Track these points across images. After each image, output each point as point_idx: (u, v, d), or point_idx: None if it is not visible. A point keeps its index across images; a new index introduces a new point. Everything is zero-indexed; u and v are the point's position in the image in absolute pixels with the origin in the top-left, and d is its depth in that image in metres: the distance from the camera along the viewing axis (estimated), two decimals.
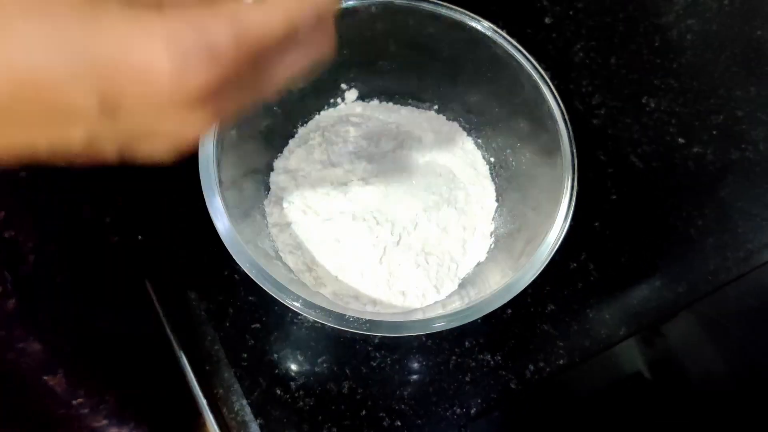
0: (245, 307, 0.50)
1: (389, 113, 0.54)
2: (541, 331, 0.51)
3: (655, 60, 0.62)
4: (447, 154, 0.52)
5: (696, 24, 0.64)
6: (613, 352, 0.53)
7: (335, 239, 0.47)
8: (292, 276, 0.46)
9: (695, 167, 0.58)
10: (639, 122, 0.60)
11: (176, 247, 0.52)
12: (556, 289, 0.52)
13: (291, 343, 0.49)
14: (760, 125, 0.60)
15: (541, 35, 0.63)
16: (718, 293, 0.56)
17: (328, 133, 0.51)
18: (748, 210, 0.57)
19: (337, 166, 0.49)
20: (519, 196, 0.49)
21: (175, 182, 0.51)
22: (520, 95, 0.47)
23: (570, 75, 0.61)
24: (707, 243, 0.56)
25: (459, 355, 0.50)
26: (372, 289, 0.46)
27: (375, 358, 0.49)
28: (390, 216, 0.47)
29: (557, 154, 0.44)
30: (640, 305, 0.53)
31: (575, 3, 0.64)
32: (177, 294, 0.51)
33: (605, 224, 0.55)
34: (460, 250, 0.49)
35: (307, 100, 0.52)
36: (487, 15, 0.47)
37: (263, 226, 0.48)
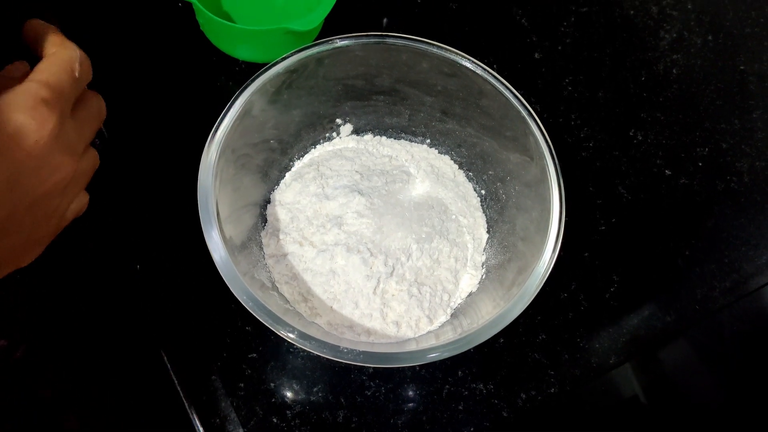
0: (242, 337, 0.51)
1: (383, 147, 0.55)
2: (532, 360, 0.52)
3: (642, 94, 0.64)
4: (439, 187, 0.54)
5: (681, 59, 0.66)
6: (608, 378, 0.54)
7: (330, 270, 0.48)
8: (288, 306, 0.47)
9: (682, 198, 0.60)
10: (626, 154, 0.61)
11: (173, 277, 0.53)
12: (547, 319, 0.53)
13: (287, 372, 0.50)
14: (745, 157, 0.62)
15: (530, 70, 0.65)
16: (713, 319, 0.57)
17: (323, 167, 0.53)
18: (734, 240, 0.58)
19: (331, 199, 0.50)
20: (509, 227, 0.51)
21: (174, 213, 0.53)
22: (510, 130, 0.48)
23: (559, 108, 0.63)
24: (694, 272, 0.57)
25: (452, 384, 0.51)
26: (366, 319, 0.47)
27: (369, 387, 0.50)
28: (384, 247, 0.48)
29: (546, 186, 0.45)
30: (629, 334, 0.54)
31: (564, 38, 0.66)
32: (174, 324, 0.51)
33: (594, 255, 0.56)
34: (452, 281, 0.50)
35: (303, 134, 0.54)
36: (479, 50, 0.48)
37: (260, 257, 0.49)
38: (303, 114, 0.52)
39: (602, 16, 0.68)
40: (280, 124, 0.51)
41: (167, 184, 0.55)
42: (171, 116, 0.58)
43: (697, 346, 0.60)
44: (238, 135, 0.45)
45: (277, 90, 0.47)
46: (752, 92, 0.65)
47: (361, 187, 0.51)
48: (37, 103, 0.32)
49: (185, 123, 0.57)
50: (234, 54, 0.60)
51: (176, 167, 0.53)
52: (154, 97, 0.59)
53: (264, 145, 0.51)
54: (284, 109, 0.50)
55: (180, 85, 0.60)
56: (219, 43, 0.60)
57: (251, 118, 0.46)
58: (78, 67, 0.35)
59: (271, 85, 0.46)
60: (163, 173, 0.56)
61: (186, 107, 0.58)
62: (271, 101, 0.48)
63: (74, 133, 0.35)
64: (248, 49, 0.58)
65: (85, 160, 0.37)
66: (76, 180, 0.37)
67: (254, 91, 0.45)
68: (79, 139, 0.36)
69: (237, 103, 0.44)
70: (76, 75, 0.35)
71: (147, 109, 0.58)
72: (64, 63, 0.35)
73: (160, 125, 0.58)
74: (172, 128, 0.58)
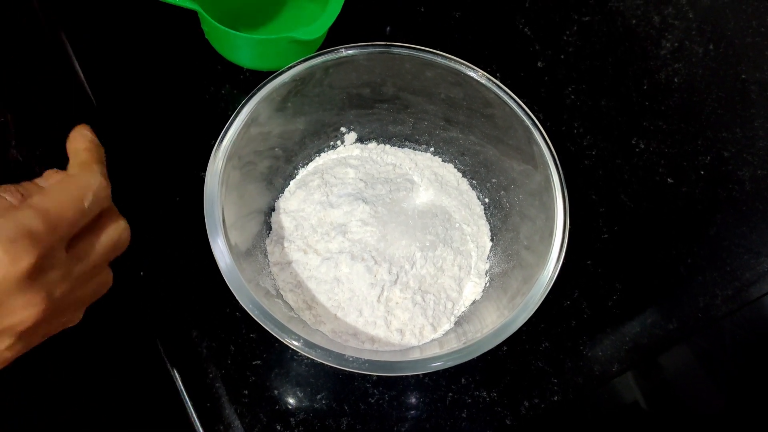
0: (246, 344, 0.51)
1: (387, 155, 0.56)
2: (535, 367, 0.52)
3: (644, 102, 0.65)
4: (443, 195, 0.54)
5: (683, 68, 0.67)
6: (609, 385, 0.54)
7: (334, 278, 0.48)
8: (292, 314, 0.48)
9: (684, 206, 0.60)
10: (629, 163, 0.61)
11: (177, 284, 0.53)
12: (550, 327, 0.53)
13: (291, 379, 0.50)
14: (746, 165, 0.62)
15: (533, 78, 0.65)
16: (714, 327, 0.57)
17: (327, 175, 0.53)
18: (735, 248, 0.59)
19: (336, 207, 0.50)
20: (513, 235, 0.51)
21: (178, 220, 0.53)
22: (513, 138, 0.49)
23: (562, 117, 0.63)
24: (696, 280, 0.57)
25: (455, 391, 0.51)
26: (370, 327, 0.47)
27: (373, 395, 0.50)
28: (388, 255, 0.48)
29: (550, 195, 0.46)
30: (632, 342, 0.54)
31: (566, 48, 0.67)
32: (179, 332, 0.52)
33: (597, 262, 0.57)
34: (456, 289, 0.50)
35: (308, 143, 0.54)
36: (482, 59, 0.49)
37: (265, 265, 0.50)
38: (307, 122, 0.52)
39: (604, 25, 0.69)
40: (285, 133, 0.51)
41: (172, 192, 0.55)
42: (176, 124, 0.59)
43: (699, 352, 0.60)
44: (244, 143, 0.45)
45: (282, 99, 0.48)
46: (754, 101, 0.65)
47: (365, 195, 0.51)
48: (20, 236, 0.29)
49: (190, 131, 0.57)
50: (239, 62, 0.60)
51: (181, 175, 0.53)
52: (159, 105, 0.59)
53: (269, 153, 0.51)
54: (289, 118, 0.50)
55: (185, 92, 0.60)
56: (224, 52, 0.60)
57: (257, 126, 0.47)
58: (90, 198, 0.33)
59: (277, 93, 0.46)
60: (168, 181, 0.56)
61: (191, 115, 0.59)
62: (276, 110, 0.48)
63: (61, 271, 0.32)
64: (253, 58, 0.59)
65: (82, 289, 0.35)
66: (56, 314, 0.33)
67: (260, 100, 0.45)
68: (64, 278, 0.32)
69: (243, 112, 0.45)
70: (85, 206, 0.33)
71: (152, 117, 0.59)
72: (76, 191, 0.33)
73: (165, 133, 0.58)
74: (177, 136, 0.58)
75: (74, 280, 0.33)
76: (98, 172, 0.35)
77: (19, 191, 0.34)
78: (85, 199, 0.33)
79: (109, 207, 0.37)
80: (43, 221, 0.30)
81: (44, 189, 0.33)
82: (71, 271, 0.33)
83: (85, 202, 0.33)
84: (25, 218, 0.30)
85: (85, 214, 0.33)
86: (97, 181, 0.35)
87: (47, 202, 0.31)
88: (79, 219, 0.33)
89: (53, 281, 0.31)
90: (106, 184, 0.35)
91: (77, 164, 0.36)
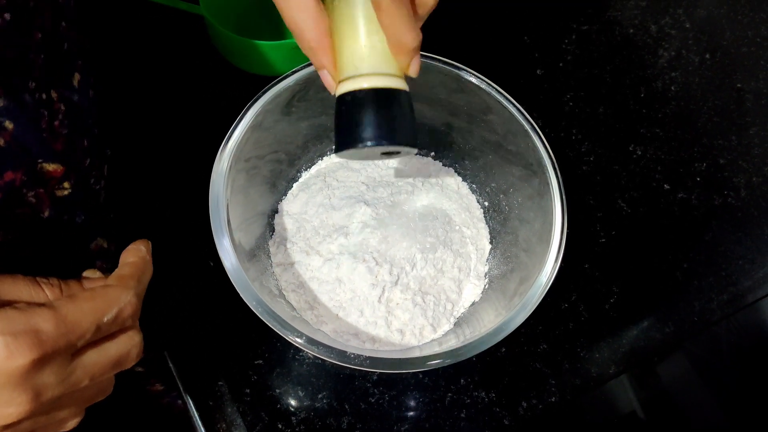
0: (248, 343, 0.52)
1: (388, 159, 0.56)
2: (533, 369, 0.53)
3: (641, 110, 0.66)
4: (443, 199, 0.55)
5: (680, 76, 0.68)
6: (606, 391, 0.55)
7: (336, 279, 0.49)
8: (295, 314, 0.48)
9: (680, 212, 0.61)
10: (626, 169, 0.62)
11: (179, 283, 0.54)
12: (548, 329, 0.54)
13: (292, 378, 0.51)
14: (742, 172, 0.63)
15: (532, 85, 0.66)
16: (709, 333, 0.58)
17: (329, 178, 0.54)
18: (731, 253, 0.60)
19: (338, 209, 0.51)
20: (512, 238, 0.52)
21: (180, 220, 0.54)
22: (512, 143, 0.50)
23: (560, 123, 0.64)
24: (692, 285, 0.58)
25: (455, 392, 0.52)
26: (371, 327, 0.48)
27: (373, 395, 0.51)
28: (389, 257, 0.49)
29: (548, 199, 0.46)
30: (628, 345, 0.55)
31: (565, 56, 0.68)
32: (180, 330, 0.52)
33: (594, 266, 0.57)
34: (455, 290, 0.51)
35: (311, 146, 0.55)
36: (482, 66, 0.50)
37: (268, 266, 0.50)
38: (311, 126, 0.53)
39: (603, 34, 0.70)
40: (289, 136, 0.52)
41: (176, 194, 0.56)
42: (182, 127, 0.60)
43: (695, 359, 0.60)
44: (248, 146, 0.46)
45: (286, 103, 0.48)
46: (749, 109, 0.66)
47: (366, 197, 0.52)
48: (25, 333, 0.28)
49: (196, 133, 0.58)
50: (244, 67, 0.61)
51: (186, 177, 0.54)
52: (166, 108, 0.60)
53: (272, 156, 0.52)
54: (293, 122, 0.51)
55: (191, 96, 0.61)
56: (229, 56, 0.61)
57: (261, 130, 0.48)
58: (113, 314, 0.33)
59: (281, 97, 0.47)
60: (172, 183, 0.57)
61: (196, 118, 0.60)
62: (280, 113, 0.49)
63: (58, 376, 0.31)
64: (257, 62, 0.59)
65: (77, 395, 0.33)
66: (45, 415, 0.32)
67: (265, 103, 0.46)
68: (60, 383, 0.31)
69: (248, 115, 0.46)
70: (104, 320, 0.32)
71: (159, 120, 0.60)
72: (101, 304, 0.32)
73: (171, 136, 0.59)
74: (182, 139, 0.59)
75: (70, 387, 0.32)
76: (132, 288, 0.35)
77: (60, 287, 0.35)
78: (107, 313, 0.33)
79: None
80: (56, 325, 0.30)
81: (70, 293, 0.33)
82: (69, 378, 0.31)
83: (106, 317, 0.32)
84: (38, 317, 0.29)
85: (102, 328, 0.32)
86: (126, 299, 0.34)
87: (68, 308, 0.31)
88: (93, 331, 0.32)
89: (46, 385, 0.30)
90: (135, 303, 0.35)
91: (116, 276, 0.36)
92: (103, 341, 0.33)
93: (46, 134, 0.36)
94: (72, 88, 0.38)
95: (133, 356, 0.35)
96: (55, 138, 0.36)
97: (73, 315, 0.31)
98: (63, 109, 0.37)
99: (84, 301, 0.32)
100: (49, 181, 0.37)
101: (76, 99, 0.38)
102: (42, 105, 0.35)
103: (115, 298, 0.33)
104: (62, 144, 0.37)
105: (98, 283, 0.36)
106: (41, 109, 0.35)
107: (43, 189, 0.37)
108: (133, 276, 0.36)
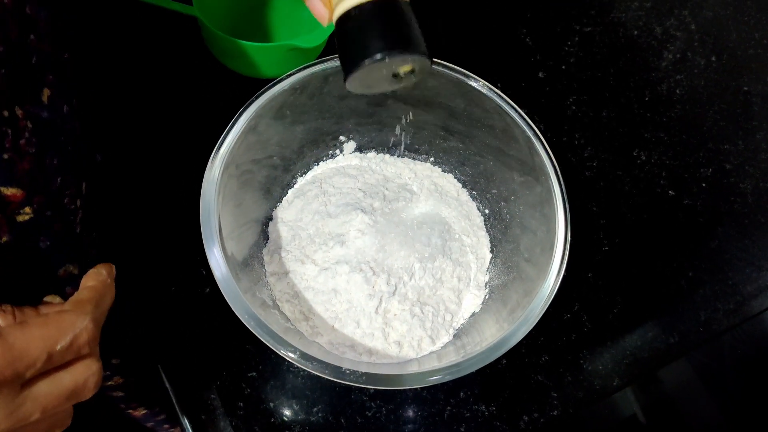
0: (242, 355, 0.50)
1: (386, 165, 0.55)
2: (535, 381, 0.51)
3: (645, 114, 0.64)
4: (442, 206, 0.53)
5: (685, 79, 0.66)
6: (609, 404, 0.53)
7: (332, 289, 0.47)
8: (289, 325, 0.47)
9: (685, 219, 0.59)
10: (630, 174, 0.61)
11: (172, 294, 0.52)
12: (550, 340, 0.53)
13: (287, 391, 0.50)
14: (748, 178, 0.62)
15: (534, 89, 0.65)
16: (714, 341, 0.56)
17: (325, 184, 0.52)
18: (737, 261, 0.58)
19: (334, 217, 0.50)
20: (513, 247, 0.50)
21: (174, 229, 0.52)
22: (514, 149, 0.48)
23: (563, 128, 0.63)
24: (698, 294, 0.56)
25: (454, 405, 0.50)
26: (368, 339, 0.46)
27: (370, 408, 0.50)
28: (386, 266, 0.48)
29: (551, 206, 0.45)
30: (632, 356, 0.53)
31: (568, 58, 0.66)
32: (173, 341, 0.51)
33: (598, 275, 0.56)
34: (455, 301, 0.49)
35: (306, 151, 0.53)
36: (482, 68, 0.48)
37: (261, 275, 0.49)
38: (306, 131, 0.52)
39: (606, 36, 0.68)
40: (283, 141, 0.51)
41: (168, 200, 0.54)
42: (173, 131, 0.58)
43: (697, 366, 0.59)
44: (241, 151, 0.45)
45: (281, 107, 0.47)
46: (756, 113, 0.65)
47: (363, 205, 0.50)
48: None
49: (188, 138, 0.56)
50: (238, 69, 0.60)
51: (178, 183, 0.53)
52: (157, 112, 0.59)
53: (267, 162, 0.51)
54: (288, 126, 0.50)
55: (183, 99, 0.60)
56: (223, 59, 0.60)
57: (255, 134, 0.46)
58: (66, 341, 0.31)
59: (275, 101, 0.46)
60: (164, 189, 0.55)
61: (189, 122, 0.58)
62: (275, 118, 0.47)
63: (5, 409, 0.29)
64: (252, 65, 0.58)
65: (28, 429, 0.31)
66: None
67: (259, 108, 0.45)
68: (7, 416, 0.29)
69: (242, 119, 0.44)
70: (56, 348, 0.30)
71: (150, 124, 0.58)
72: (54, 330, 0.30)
73: (162, 140, 0.58)
74: (174, 143, 0.57)
75: (18, 420, 0.29)
76: (89, 314, 0.33)
77: (13, 314, 0.32)
78: (59, 341, 0.30)
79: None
80: (1, 353, 0.28)
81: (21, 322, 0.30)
82: (17, 411, 0.29)
83: (59, 344, 0.30)
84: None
85: (54, 357, 0.30)
86: (81, 325, 0.32)
87: (15, 335, 0.29)
88: (44, 360, 0.29)
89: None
90: (91, 329, 0.32)
91: (73, 301, 0.34)
92: (56, 371, 0.31)
93: (10, 154, 0.34)
94: (41, 104, 0.36)
95: (91, 386, 0.32)
96: (21, 157, 0.34)
97: (22, 342, 0.28)
98: (30, 127, 0.35)
99: (35, 328, 0.29)
100: (7, 206, 0.35)
101: (46, 116, 0.36)
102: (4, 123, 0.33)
103: (69, 324, 0.31)
104: (29, 163, 0.35)
105: (54, 309, 0.34)
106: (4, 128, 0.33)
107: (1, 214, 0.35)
108: (91, 300, 0.34)
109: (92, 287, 0.36)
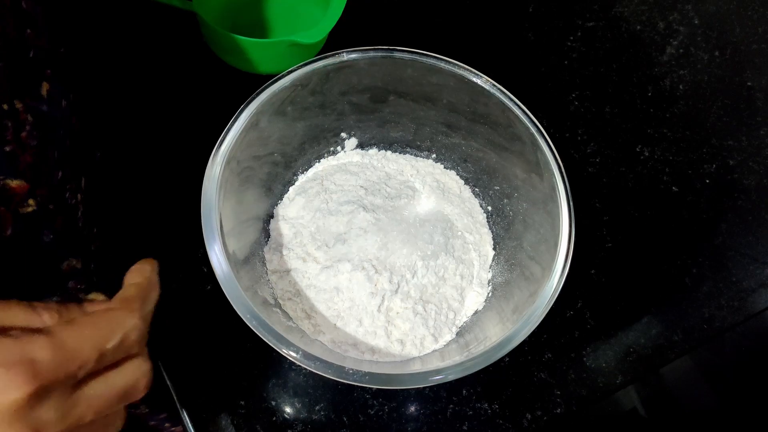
0: (243, 353, 0.50)
1: (388, 162, 0.55)
2: (538, 379, 0.51)
3: (649, 109, 0.64)
4: (445, 203, 0.53)
5: (688, 75, 0.66)
6: (613, 398, 0.53)
7: (334, 287, 0.47)
8: (291, 323, 0.47)
9: (689, 215, 0.59)
10: (633, 171, 0.61)
11: (174, 291, 0.52)
12: (553, 337, 0.52)
13: (289, 389, 0.49)
14: (752, 174, 0.61)
15: (536, 84, 0.64)
16: (718, 338, 0.56)
17: (327, 181, 0.52)
18: (741, 258, 0.58)
19: (335, 214, 0.49)
20: (516, 244, 0.50)
21: (175, 226, 0.52)
22: (517, 145, 0.48)
23: (565, 124, 0.62)
24: (702, 290, 0.56)
25: (456, 403, 0.50)
26: (370, 337, 0.46)
27: (372, 406, 0.49)
28: (389, 264, 0.47)
29: (555, 203, 0.45)
30: (636, 353, 0.53)
31: (570, 53, 0.66)
32: (173, 338, 0.51)
33: (601, 272, 0.56)
34: (458, 299, 0.49)
35: (307, 148, 0.53)
36: (485, 64, 0.48)
37: (263, 273, 0.49)
38: (307, 127, 0.51)
39: (609, 31, 0.68)
40: (285, 138, 0.50)
41: (169, 198, 0.54)
42: (174, 128, 0.58)
43: (699, 360, 0.59)
44: (242, 148, 0.44)
45: (282, 103, 0.47)
46: (760, 108, 0.65)
47: (365, 202, 0.50)
48: (20, 364, 0.26)
49: (189, 135, 0.56)
50: (238, 65, 0.59)
51: (178, 180, 0.52)
52: (157, 109, 0.58)
53: (268, 159, 0.50)
54: (289, 123, 0.49)
55: (183, 96, 0.59)
56: (223, 55, 0.59)
57: (256, 131, 0.46)
58: (117, 339, 0.30)
59: (276, 98, 0.45)
60: (165, 186, 0.55)
61: (189, 119, 0.58)
62: (276, 114, 0.47)
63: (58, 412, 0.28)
64: (252, 61, 0.58)
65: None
66: None
67: (260, 104, 0.44)
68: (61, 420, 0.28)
69: (243, 116, 0.44)
70: (108, 347, 0.29)
71: (150, 121, 0.58)
72: (104, 329, 0.30)
73: (163, 137, 0.57)
74: (174, 141, 0.57)
75: (73, 422, 0.29)
76: (137, 311, 0.32)
77: (58, 312, 0.31)
78: (110, 339, 0.30)
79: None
80: (53, 354, 0.27)
81: (73, 318, 0.30)
82: (71, 412, 0.28)
83: (110, 343, 0.30)
84: (34, 346, 0.26)
85: (105, 355, 0.29)
86: (130, 323, 0.31)
87: (67, 334, 0.28)
88: (96, 359, 0.29)
89: (46, 421, 0.27)
90: (140, 327, 0.32)
91: (120, 298, 0.33)
92: (107, 371, 0.30)
93: (12, 146, 0.33)
94: (40, 98, 0.36)
95: (141, 386, 0.32)
96: (24, 149, 0.34)
97: (73, 342, 0.28)
98: (30, 120, 0.34)
99: (85, 327, 0.29)
100: (12, 198, 0.35)
101: (45, 109, 0.36)
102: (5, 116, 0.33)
103: (119, 322, 0.30)
104: (31, 156, 0.35)
105: (100, 307, 0.33)
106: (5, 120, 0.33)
107: (5, 207, 0.35)
108: (138, 298, 0.34)
109: (138, 284, 0.35)
